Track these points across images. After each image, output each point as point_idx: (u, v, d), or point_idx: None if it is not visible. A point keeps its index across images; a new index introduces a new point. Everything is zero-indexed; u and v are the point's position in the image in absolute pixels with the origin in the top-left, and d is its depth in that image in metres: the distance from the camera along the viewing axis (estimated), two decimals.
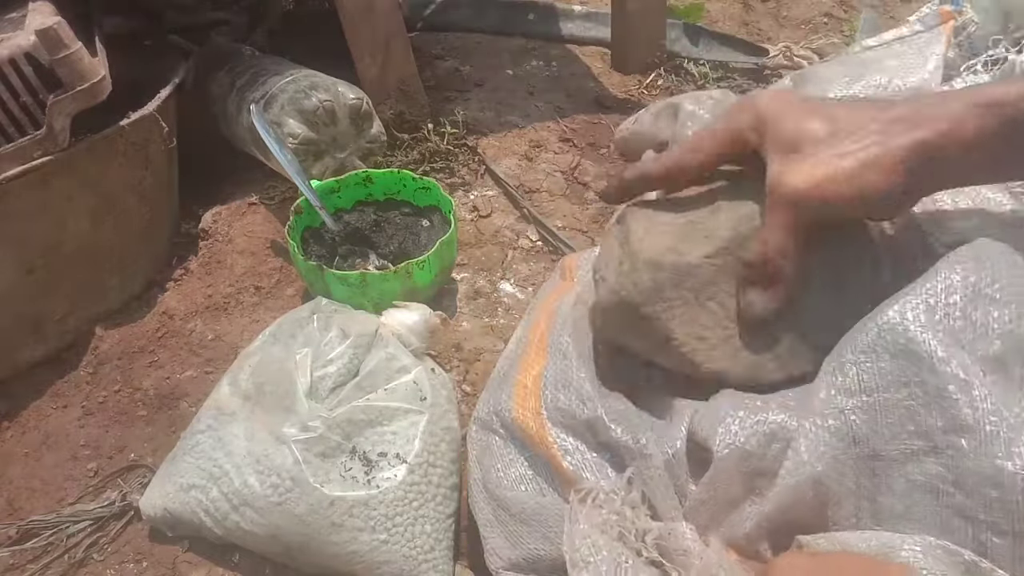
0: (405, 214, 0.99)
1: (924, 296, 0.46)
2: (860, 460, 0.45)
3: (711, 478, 0.49)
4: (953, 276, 0.46)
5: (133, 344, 0.92)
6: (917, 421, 0.44)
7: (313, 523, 0.64)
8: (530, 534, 0.58)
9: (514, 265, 1.01)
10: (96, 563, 0.71)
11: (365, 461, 0.67)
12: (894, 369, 0.45)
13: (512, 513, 0.60)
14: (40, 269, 0.85)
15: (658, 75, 1.40)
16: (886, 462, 0.45)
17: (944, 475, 0.43)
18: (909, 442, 0.44)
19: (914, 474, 0.44)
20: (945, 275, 0.46)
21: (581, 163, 1.18)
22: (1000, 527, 0.42)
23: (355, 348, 0.73)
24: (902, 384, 0.45)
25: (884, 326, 0.46)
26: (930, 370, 0.44)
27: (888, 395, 0.45)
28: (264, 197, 1.10)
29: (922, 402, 0.44)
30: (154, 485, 0.72)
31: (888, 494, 0.45)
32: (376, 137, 1.06)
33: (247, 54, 1.16)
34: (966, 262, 0.46)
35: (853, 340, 0.47)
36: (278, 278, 1.00)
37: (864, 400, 0.45)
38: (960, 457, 0.42)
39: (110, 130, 0.86)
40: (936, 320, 0.45)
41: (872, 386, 0.45)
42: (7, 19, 0.82)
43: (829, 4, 1.66)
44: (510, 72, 1.41)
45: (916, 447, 0.44)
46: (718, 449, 0.49)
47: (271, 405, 0.70)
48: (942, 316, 0.45)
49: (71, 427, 0.84)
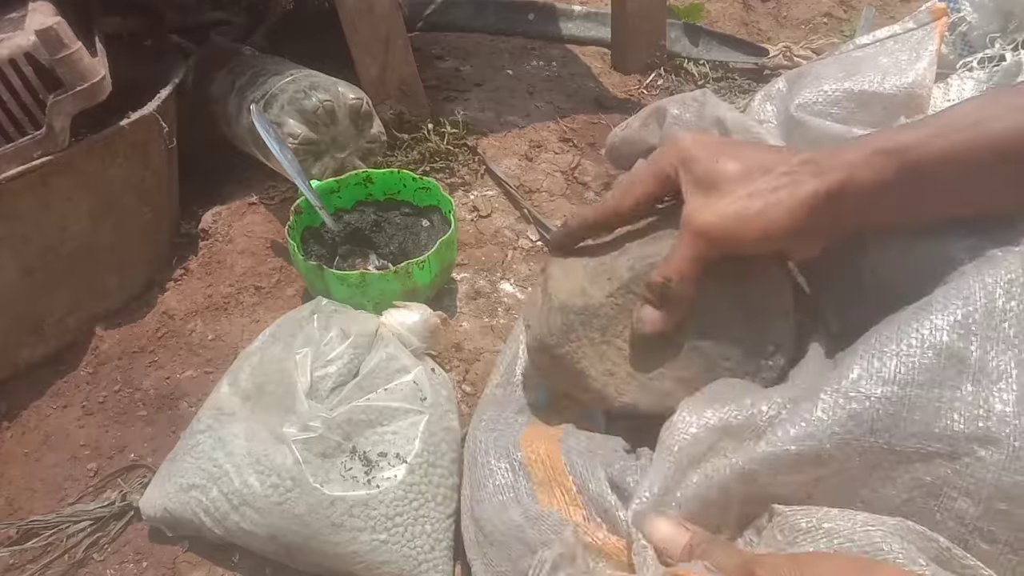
0: (405, 214, 0.99)
1: (983, 301, 0.45)
2: (871, 450, 0.45)
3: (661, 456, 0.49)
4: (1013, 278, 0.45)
5: (133, 344, 0.92)
6: (943, 424, 0.43)
7: (313, 523, 0.64)
8: (498, 555, 0.58)
9: (514, 265, 1.01)
10: (96, 563, 0.71)
11: (365, 461, 0.67)
12: (935, 367, 0.45)
13: (485, 534, 0.60)
14: (40, 269, 0.85)
15: (658, 75, 1.40)
16: (898, 457, 0.44)
17: (953, 480, 0.43)
18: (928, 443, 0.43)
19: (922, 473, 0.44)
20: (1006, 275, 0.45)
21: (581, 163, 1.18)
22: (995, 536, 0.42)
23: (355, 348, 0.73)
24: (937, 384, 0.44)
25: (938, 325, 0.45)
26: (972, 379, 0.43)
27: (921, 392, 0.44)
28: (264, 197, 1.10)
29: (954, 407, 0.43)
30: (154, 485, 0.72)
31: (888, 486, 0.45)
32: (376, 137, 1.07)
33: (247, 54, 1.16)
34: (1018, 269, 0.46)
35: (900, 331, 0.46)
36: (278, 278, 1.00)
37: (894, 391, 0.44)
38: (978, 467, 0.42)
39: (110, 130, 0.86)
40: (992, 326, 0.44)
41: (908, 380, 0.45)
42: (7, 19, 0.82)
43: (829, 4, 1.66)
44: (510, 72, 1.41)
45: (933, 449, 0.43)
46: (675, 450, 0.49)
47: (271, 405, 0.70)
48: (999, 322, 0.44)
49: (71, 427, 0.84)
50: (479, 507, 0.61)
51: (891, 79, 0.86)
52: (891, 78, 0.86)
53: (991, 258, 0.49)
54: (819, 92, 0.88)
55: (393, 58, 1.16)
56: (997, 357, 0.44)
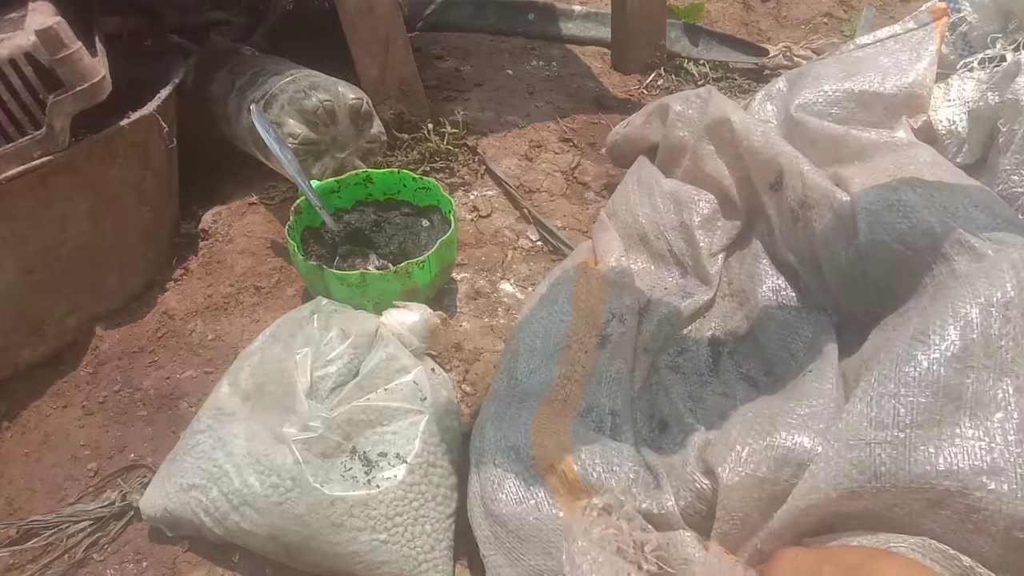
0: (405, 214, 0.99)
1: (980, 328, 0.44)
2: (879, 493, 0.44)
3: (723, 506, 0.49)
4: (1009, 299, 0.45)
5: (133, 344, 0.92)
6: (949, 461, 0.43)
7: (313, 523, 0.64)
8: (530, 550, 0.58)
9: (514, 265, 1.01)
10: (96, 563, 0.71)
11: (365, 461, 0.67)
12: (933, 407, 0.44)
13: (510, 530, 0.60)
14: (40, 269, 0.85)
15: (658, 75, 1.40)
16: (906, 497, 0.44)
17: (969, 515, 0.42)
18: (936, 481, 0.43)
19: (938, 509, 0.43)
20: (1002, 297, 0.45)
21: (581, 163, 1.18)
22: (1007, 559, 0.41)
23: (355, 348, 0.73)
24: (935, 423, 0.44)
25: (935, 360, 0.44)
26: (969, 413, 0.43)
27: (921, 432, 0.44)
28: (264, 197, 1.10)
29: (955, 444, 0.43)
30: (154, 485, 0.72)
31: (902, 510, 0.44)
32: (376, 137, 1.06)
33: (247, 54, 1.16)
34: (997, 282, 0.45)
35: (895, 371, 0.46)
36: (278, 278, 1.00)
37: (895, 435, 0.44)
38: (991, 499, 0.41)
39: (110, 130, 0.85)
40: (989, 354, 0.44)
41: (907, 422, 0.44)
42: (7, 19, 0.82)
43: (829, 4, 1.66)
44: (510, 72, 1.41)
45: (944, 487, 0.43)
46: (727, 477, 0.49)
47: (271, 405, 0.70)
48: (994, 348, 0.44)
49: (71, 427, 0.84)
50: (496, 505, 0.61)
51: (892, 79, 0.86)
52: (892, 78, 0.86)
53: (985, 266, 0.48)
54: (819, 92, 0.88)
55: (393, 58, 1.16)
56: (995, 386, 0.44)
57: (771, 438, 0.50)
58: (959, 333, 0.45)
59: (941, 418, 0.44)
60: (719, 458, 0.51)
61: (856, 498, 0.44)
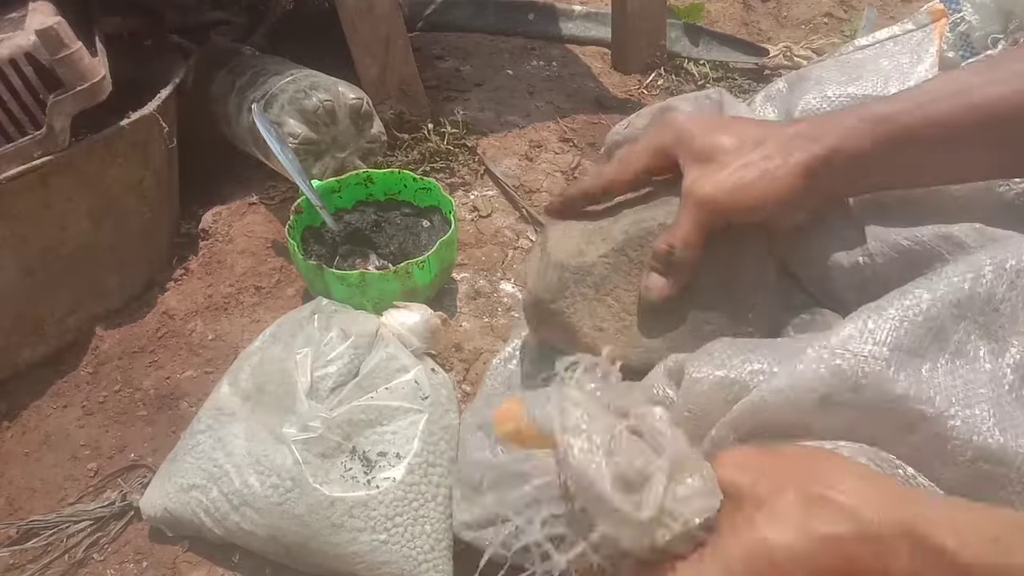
0: (405, 214, 0.99)
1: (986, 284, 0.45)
2: (853, 405, 0.44)
3: (685, 398, 0.50)
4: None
5: (133, 344, 0.92)
6: (928, 392, 0.44)
7: (313, 523, 0.64)
8: (481, 498, 0.61)
9: (514, 265, 1.01)
10: (96, 563, 0.71)
11: (365, 461, 0.67)
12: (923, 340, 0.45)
13: (471, 485, 0.63)
14: (40, 269, 0.85)
15: (658, 75, 1.40)
16: (879, 416, 0.44)
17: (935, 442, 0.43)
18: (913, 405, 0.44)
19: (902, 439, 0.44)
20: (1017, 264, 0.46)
21: (581, 163, 1.18)
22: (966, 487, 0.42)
23: (355, 348, 0.73)
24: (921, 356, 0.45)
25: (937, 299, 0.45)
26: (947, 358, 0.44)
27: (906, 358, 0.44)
28: (264, 197, 1.10)
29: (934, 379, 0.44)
30: (154, 485, 0.72)
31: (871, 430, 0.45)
32: (376, 137, 1.07)
33: (247, 54, 1.16)
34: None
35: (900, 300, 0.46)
36: (278, 278, 1.00)
37: (883, 352, 0.44)
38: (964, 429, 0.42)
39: (110, 130, 0.86)
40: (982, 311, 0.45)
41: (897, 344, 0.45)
42: (7, 19, 0.82)
43: (829, 4, 1.66)
44: (510, 72, 1.41)
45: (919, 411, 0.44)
46: (694, 371, 0.49)
47: (271, 405, 0.70)
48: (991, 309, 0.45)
49: (71, 427, 0.84)
50: (462, 469, 0.65)
51: (894, 83, 0.86)
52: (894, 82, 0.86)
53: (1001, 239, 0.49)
54: (822, 97, 0.87)
55: (393, 58, 1.16)
56: (977, 343, 0.45)
57: (749, 353, 0.50)
58: (969, 284, 0.46)
59: (925, 354, 0.45)
60: (688, 361, 0.52)
61: (827, 406, 0.44)
